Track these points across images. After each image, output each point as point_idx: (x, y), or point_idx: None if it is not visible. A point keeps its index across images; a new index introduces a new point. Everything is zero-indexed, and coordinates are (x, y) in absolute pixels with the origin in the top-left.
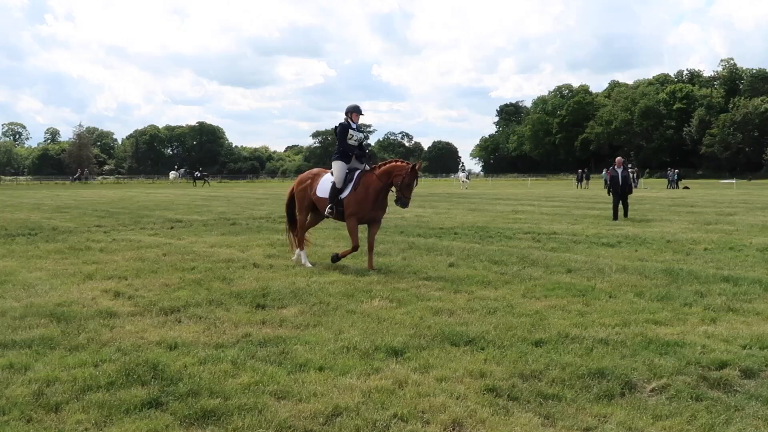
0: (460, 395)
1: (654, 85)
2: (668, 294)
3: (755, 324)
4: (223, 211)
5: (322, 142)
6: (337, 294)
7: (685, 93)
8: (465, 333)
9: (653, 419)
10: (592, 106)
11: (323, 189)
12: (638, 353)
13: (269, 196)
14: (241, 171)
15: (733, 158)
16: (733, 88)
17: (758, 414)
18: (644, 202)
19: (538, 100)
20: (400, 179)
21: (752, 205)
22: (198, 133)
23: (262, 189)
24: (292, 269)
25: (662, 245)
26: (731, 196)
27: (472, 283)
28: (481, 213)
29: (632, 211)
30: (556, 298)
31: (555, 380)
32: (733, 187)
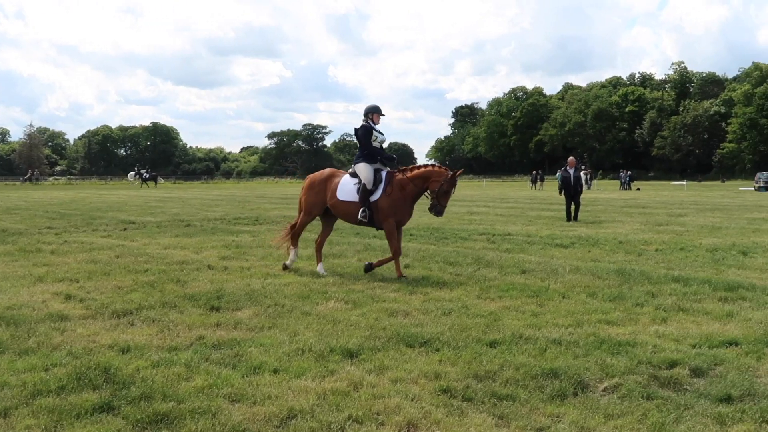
0: (414, 396)
1: (607, 88)
2: (620, 294)
3: (704, 323)
4: (177, 213)
5: (278, 143)
6: (292, 296)
7: (637, 95)
8: (420, 334)
9: (605, 418)
10: (546, 108)
11: (346, 192)
12: (591, 353)
13: (224, 198)
14: (195, 172)
15: (684, 160)
16: (684, 91)
17: (707, 412)
18: (597, 204)
19: (493, 102)
20: (438, 185)
21: (702, 206)
22: (152, 134)
23: (217, 190)
24: (246, 271)
25: (615, 246)
26: (682, 197)
27: (428, 285)
28: None
29: (585, 212)
30: (511, 298)
31: (509, 381)
32: (683, 189)
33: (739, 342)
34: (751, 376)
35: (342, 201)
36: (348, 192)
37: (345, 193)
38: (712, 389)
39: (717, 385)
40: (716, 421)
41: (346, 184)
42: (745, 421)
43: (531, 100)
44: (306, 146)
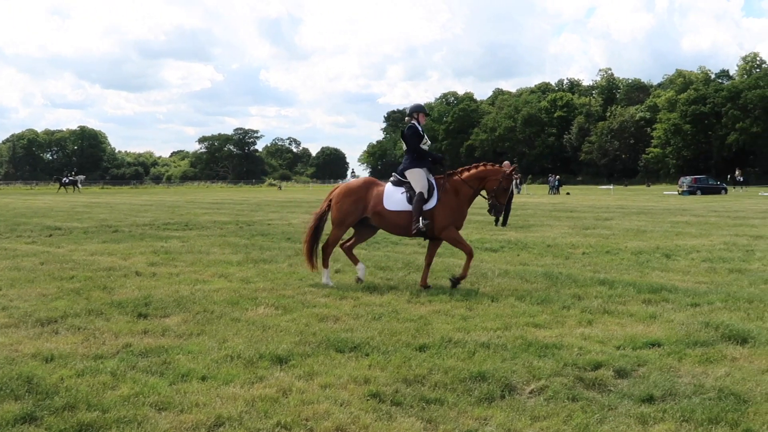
0: (343, 402)
1: (536, 93)
2: (548, 297)
3: (629, 325)
4: (105, 218)
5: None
6: (221, 302)
7: (565, 101)
8: (350, 339)
9: (531, 420)
10: (476, 113)
11: (394, 202)
12: (518, 356)
13: (153, 203)
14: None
15: (611, 164)
16: (611, 97)
17: (630, 412)
18: (527, 208)
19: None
20: (496, 184)
21: (628, 210)
22: (79, 138)
23: (147, 195)
24: (175, 277)
25: (543, 250)
26: (608, 201)
27: (358, 289)
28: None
29: (515, 217)
30: (440, 302)
31: (437, 384)
32: (610, 193)
33: (661, 343)
34: (672, 376)
35: (391, 211)
36: (397, 202)
37: (393, 202)
38: (635, 390)
39: (640, 385)
40: (638, 421)
41: (393, 193)
42: (666, 420)
43: (462, 105)
44: (237, 151)
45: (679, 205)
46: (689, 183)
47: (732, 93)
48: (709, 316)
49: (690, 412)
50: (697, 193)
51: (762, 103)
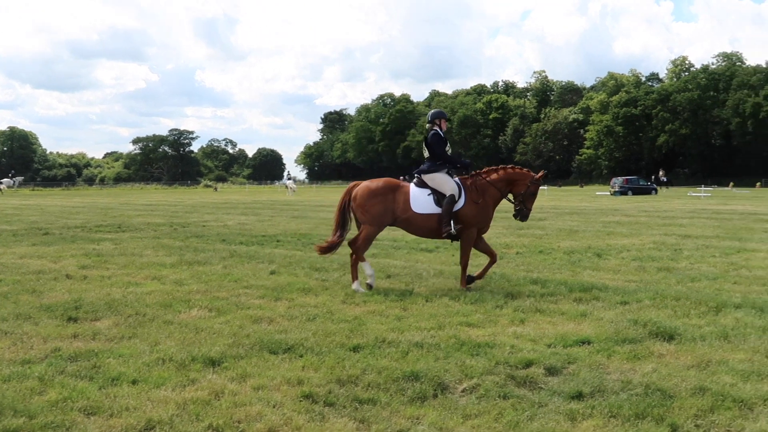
0: (276, 403)
1: (472, 95)
2: (481, 297)
3: (560, 324)
4: (36, 221)
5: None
6: (154, 304)
7: (500, 103)
8: (284, 340)
9: (463, 418)
10: (413, 114)
11: (421, 204)
12: (451, 355)
13: (86, 205)
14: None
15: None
16: (545, 99)
17: (559, 409)
18: None
19: (361, 108)
20: (524, 188)
21: (561, 210)
22: (8, 139)
23: (79, 197)
24: (107, 280)
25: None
26: (542, 201)
27: (293, 291)
28: (305, 220)
29: None
30: (375, 303)
31: (371, 384)
32: (544, 193)
33: (591, 341)
34: (601, 373)
35: (420, 214)
36: (424, 204)
37: (420, 205)
38: (565, 387)
39: (569, 382)
40: (567, 418)
41: (419, 195)
42: (595, 416)
43: (399, 107)
44: (172, 152)
45: (610, 205)
46: (621, 184)
47: (662, 95)
48: (637, 314)
49: (617, 408)
50: (628, 193)
51: (690, 106)
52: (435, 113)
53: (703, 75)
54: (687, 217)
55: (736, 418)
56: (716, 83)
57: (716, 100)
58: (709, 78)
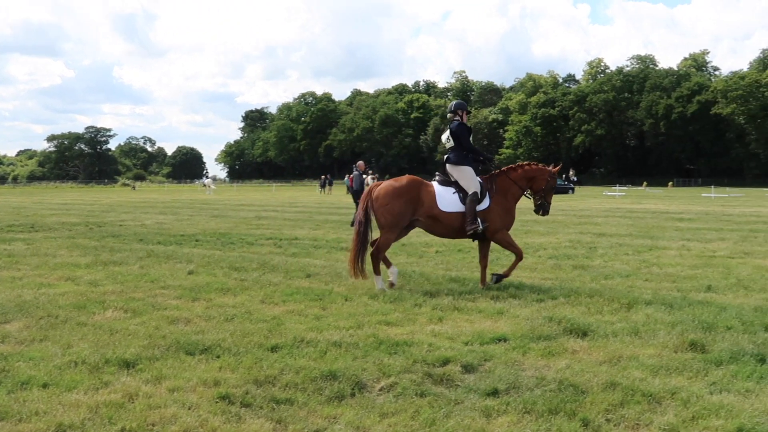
0: (192, 405)
1: (393, 95)
2: (400, 296)
3: (477, 321)
4: None
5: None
6: (67, 306)
7: (422, 102)
8: (201, 341)
9: (380, 417)
10: (335, 113)
11: (448, 202)
12: (369, 354)
13: None
14: None
15: None
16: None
17: (475, 406)
18: None
19: (283, 107)
20: (544, 183)
21: None
22: None
23: None
24: (18, 281)
25: (397, 248)
26: None
27: (211, 291)
28: (224, 219)
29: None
30: (294, 302)
31: (288, 384)
32: None
33: (507, 338)
34: (517, 370)
35: (447, 213)
36: (450, 202)
37: (447, 203)
38: (481, 384)
39: (485, 379)
40: (483, 414)
41: (445, 193)
42: (509, 412)
43: (320, 106)
44: (89, 150)
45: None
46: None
47: (578, 97)
48: (552, 311)
49: (532, 404)
50: None
51: (606, 107)
52: (458, 104)
53: (618, 77)
54: (602, 216)
55: (644, 411)
56: (631, 85)
57: (630, 102)
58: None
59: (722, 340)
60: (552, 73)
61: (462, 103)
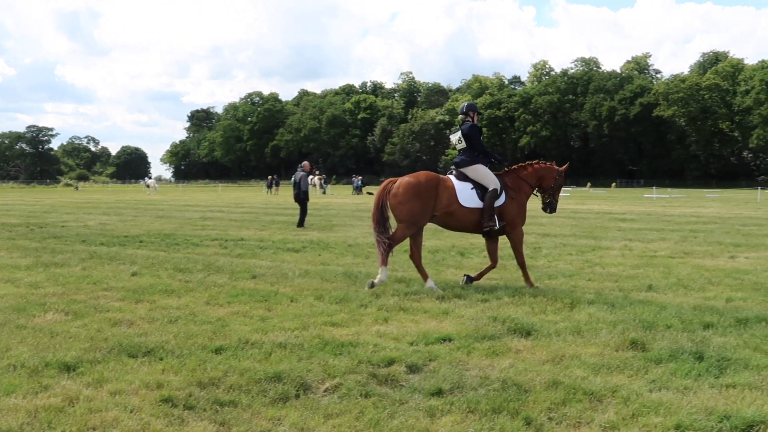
0: (134, 408)
1: (340, 95)
2: (346, 296)
3: (422, 322)
4: None
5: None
6: (6, 308)
7: (369, 103)
8: (144, 344)
9: (324, 418)
10: (282, 113)
11: (467, 198)
12: (314, 355)
13: None
14: None
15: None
16: (412, 100)
17: (420, 406)
18: (330, 209)
19: (229, 107)
20: (553, 182)
21: None
22: None
23: None
24: None
25: (344, 249)
26: None
27: (155, 292)
28: (169, 220)
29: (318, 217)
30: (240, 304)
31: (232, 386)
32: None
33: (452, 338)
34: (461, 369)
35: (466, 208)
36: (469, 198)
37: (467, 199)
38: (425, 384)
39: (430, 379)
40: (427, 414)
41: (464, 189)
42: (453, 412)
43: (267, 106)
44: (30, 149)
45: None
46: None
47: (524, 98)
48: (497, 311)
49: (475, 404)
50: None
51: (550, 108)
52: (470, 105)
53: (562, 79)
54: (546, 216)
55: (586, 410)
56: (575, 87)
57: (575, 104)
58: (568, 82)
59: (662, 338)
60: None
61: (473, 104)
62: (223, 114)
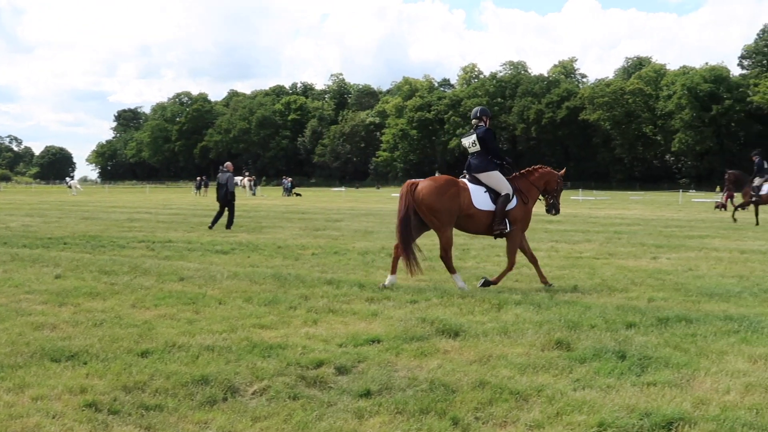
0: (57, 414)
1: (270, 96)
2: (275, 298)
3: (352, 323)
4: None
5: None
6: None
7: (299, 104)
8: (67, 348)
9: (252, 421)
10: (211, 114)
11: (481, 201)
12: (243, 357)
13: None
14: None
15: (343, 167)
16: (342, 101)
17: (348, 408)
18: (260, 210)
19: (157, 107)
20: (556, 185)
21: (358, 211)
22: None
23: None
24: None
25: (273, 251)
26: (340, 203)
27: (80, 295)
28: (95, 222)
29: (247, 218)
30: (167, 306)
31: (159, 390)
32: (342, 195)
33: (381, 339)
34: (389, 370)
35: (482, 211)
36: (483, 201)
37: (481, 202)
38: (354, 385)
39: (358, 381)
40: (355, 416)
41: (478, 192)
42: (382, 413)
43: (196, 106)
44: None
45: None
46: None
47: (453, 101)
48: (425, 312)
49: (403, 404)
50: None
51: None
52: (483, 110)
53: (491, 82)
54: None
55: (512, 409)
56: (503, 90)
57: (503, 107)
58: (497, 85)
59: (586, 338)
60: (428, 78)
61: (486, 109)
62: (151, 114)
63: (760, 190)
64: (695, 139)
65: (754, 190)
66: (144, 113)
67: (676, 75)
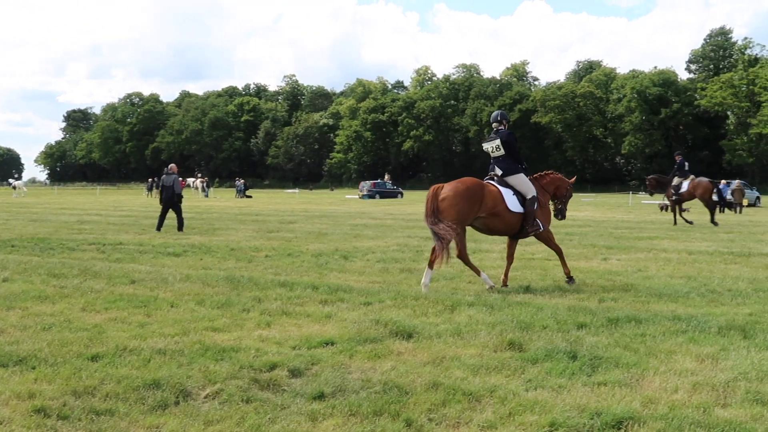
0: (4, 419)
1: (223, 97)
2: (228, 301)
3: (305, 326)
4: None
5: None
6: None
7: (252, 105)
8: (15, 352)
9: (205, 425)
10: (162, 114)
11: (513, 203)
12: (195, 361)
13: None
14: None
15: (297, 169)
16: (296, 102)
17: (302, 410)
18: (212, 212)
19: (107, 107)
20: (565, 191)
21: (311, 213)
22: None
23: None
24: None
25: (226, 253)
26: (293, 205)
27: (28, 299)
28: (44, 224)
29: (200, 220)
30: (117, 310)
31: (109, 395)
32: (296, 197)
33: (335, 341)
34: (343, 372)
35: (512, 212)
36: (514, 203)
37: (513, 204)
38: (308, 388)
39: (312, 383)
40: (309, 418)
41: (508, 194)
42: (335, 415)
43: (147, 107)
44: None
45: (359, 208)
46: (369, 187)
47: (407, 103)
48: (379, 314)
49: (357, 406)
50: (376, 197)
51: (432, 113)
52: (502, 114)
53: (444, 84)
54: None
55: (465, 410)
56: (456, 93)
57: (456, 109)
58: (450, 87)
59: (538, 338)
60: (381, 80)
61: (505, 113)
62: (101, 114)
63: (680, 188)
64: (644, 142)
65: (674, 188)
66: (94, 114)
67: (626, 78)
